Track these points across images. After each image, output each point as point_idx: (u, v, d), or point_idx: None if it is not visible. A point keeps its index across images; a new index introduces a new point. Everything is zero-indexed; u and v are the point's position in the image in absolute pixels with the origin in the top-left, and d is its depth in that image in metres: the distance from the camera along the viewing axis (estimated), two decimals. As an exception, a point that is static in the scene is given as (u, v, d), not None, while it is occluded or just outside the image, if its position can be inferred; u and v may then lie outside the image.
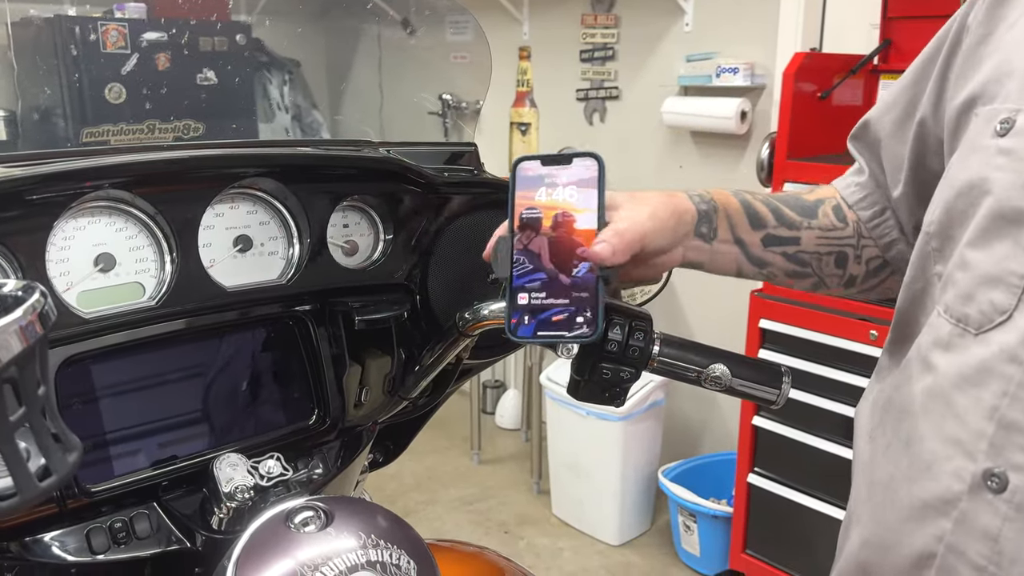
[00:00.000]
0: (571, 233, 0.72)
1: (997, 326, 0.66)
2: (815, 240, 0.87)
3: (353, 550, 0.65)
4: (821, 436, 2.16)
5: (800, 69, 2.21)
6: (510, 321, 0.71)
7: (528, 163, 0.74)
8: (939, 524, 0.69)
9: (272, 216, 0.86)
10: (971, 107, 0.72)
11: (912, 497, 0.72)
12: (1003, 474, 0.64)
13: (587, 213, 0.72)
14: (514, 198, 0.73)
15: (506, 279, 0.71)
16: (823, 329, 2.13)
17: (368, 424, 0.94)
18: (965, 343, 0.69)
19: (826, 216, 0.88)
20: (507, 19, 3.48)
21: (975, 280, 0.68)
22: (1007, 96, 0.68)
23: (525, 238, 0.72)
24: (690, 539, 2.65)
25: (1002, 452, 0.64)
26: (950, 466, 0.68)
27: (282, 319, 0.87)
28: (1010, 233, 0.66)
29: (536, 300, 0.71)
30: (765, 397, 0.82)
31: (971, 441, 0.66)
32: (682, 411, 3.06)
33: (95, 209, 0.75)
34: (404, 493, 3.15)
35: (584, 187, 0.73)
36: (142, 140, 0.99)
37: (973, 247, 0.69)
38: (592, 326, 0.71)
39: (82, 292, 0.75)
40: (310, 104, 2.75)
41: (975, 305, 0.68)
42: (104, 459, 0.76)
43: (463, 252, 0.97)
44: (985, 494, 0.65)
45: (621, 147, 3.17)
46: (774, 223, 0.85)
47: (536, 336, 0.71)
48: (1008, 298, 0.66)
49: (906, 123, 0.85)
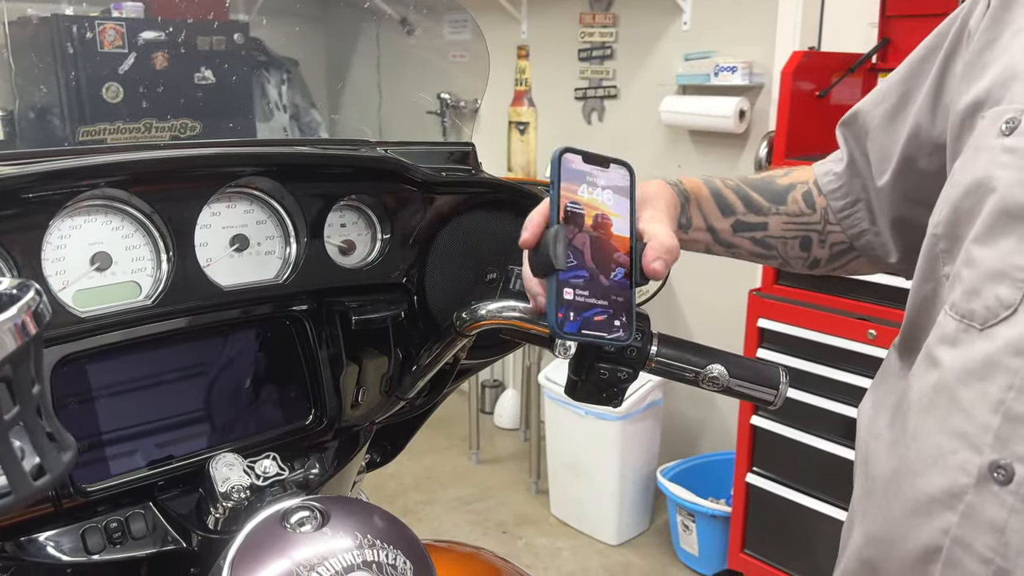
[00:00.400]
0: (609, 237, 0.71)
1: (1002, 320, 0.67)
2: (782, 225, 0.90)
3: (349, 550, 0.65)
4: (820, 436, 2.16)
5: (798, 68, 2.21)
6: (556, 316, 0.68)
7: (572, 155, 0.72)
8: (945, 517, 0.69)
9: (269, 215, 0.85)
10: (977, 111, 0.73)
11: (917, 491, 0.72)
12: (1009, 466, 0.65)
13: (621, 219, 0.72)
14: (559, 188, 0.70)
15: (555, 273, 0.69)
16: (822, 328, 2.13)
17: (365, 424, 0.94)
18: (970, 338, 0.69)
19: (795, 202, 0.90)
20: (505, 18, 3.48)
21: (981, 276, 0.69)
22: (1013, 98, 0.69)
23: (570, 232, 0.70)
24: (689, 539, 2.65)
25: (1008, 444, 0.65)
26: (956, 459, 0.69)
27: (279, 319, 0.86)
28: (1015, 229, 0.67)
29: (580, 297, 0.69)
30: (763, 398, 0.82)
31: (977, 434, 0.67)
32: (681, 411, 3.06)
33: (91, 208, 0.75)
34: (403, 493, 3.15)
35: (619, 194, 0.72)
36: (138, 139, 0.99)
37: (979, 244, 0.70)
38: (628, 330, 0.70)
39: (78, 291, 0.75)
40: (308, 103, 2.74)
41: (981, 300, 0.69)
42: (100, 459, 0.76)
43: (461, 252, 0.97)
44: (991, 486, 0.66)
45: (620, 146, 3.17)
46: (743, 210, 0.88)
47: (580, 334, 0.69)
48: (1013, 293, 0.66)
49: (897, 117, 0.86)
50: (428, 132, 1.29)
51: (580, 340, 0.71)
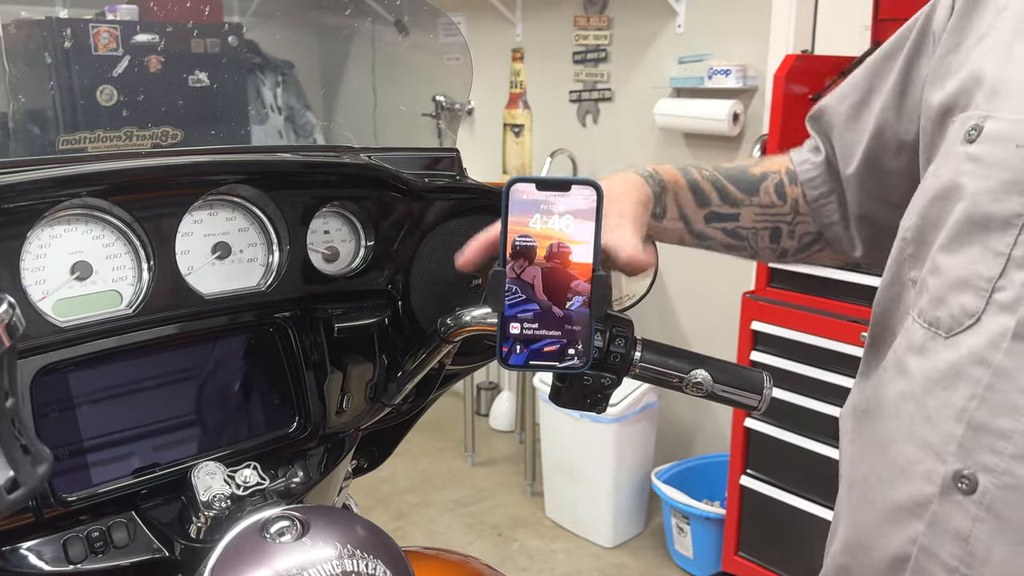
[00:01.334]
0: (566, 266, 0.70)
1: (966, 329, 0.67)
2: (753, 216, 0.91)
3: (329, 560, 0.65)
4: (813, 438, 2.16)
5: (791, 71, 2.21)
6: (501, 350, 0.70)
7: (522, 185, 0.69)
8: (913, 526, 0.70)
9: (251, 223, 0.85)
10: (948, 115, 0.73)
11: (887, 500, 0.73)
12: (972, 475, 0.65)
13: (583, 246, 0.70)
14: (507, 223, 0.70)
15: (499, 313, 0.70)
16: (814, 331, 2.13)
17: (350, 431, 0.94)
18: (936, 347, 0.70)
19: (767, 194, 0.91)
20: (500, 21, 3.48)
21: (946, 284, 0.69)
22: (976, 104, 0.69)
23: (518, 267, 0.70)
24: (683, 541, 2.65)
25: (971, 454, 0.65)
26: (921, 468, 0.69)
27: (262, 326, 0.86)
28: (980, 238, 0.67)
29: (528, 330, 0.70)
30: (746, 403, 0.82)
31: (941, 443, 0.67)
32: (675, 413, 3.06)
33: (71, 217, 0.75)
34: (397, 495, 3.15)
35: (581, 218, 0.70)
36: (119, 147, 0.98)
37: (945, 252, 0.70)
38: (583, 358, 0.71)
39: (58, 300, 0.75)
40: (303, 105, 2.74)
41: (946, 309, 0.69)
42: (81, 468, 0.76)
43: (445, 258, 0.97)
44: (955, 495, 0.66)
45: (614, 148, 3.17)
46: (718, 201, 0.89)
47: (528, 365, 0.71)
48: (977, 302, 0.67)
49: (860, 113, 0.87)
50: (424, 134, 1.29)
51: (528, 371, 0.73)
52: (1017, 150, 0.65)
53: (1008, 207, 0.65)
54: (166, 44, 1.41)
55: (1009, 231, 0.65)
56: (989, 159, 0.66)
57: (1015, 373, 0.63)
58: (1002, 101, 0.67)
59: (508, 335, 0.70)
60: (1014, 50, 0.68)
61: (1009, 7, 0.70)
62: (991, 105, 0.68)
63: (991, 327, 0.65)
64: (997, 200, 0.65)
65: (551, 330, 0.70)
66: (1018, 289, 0.64)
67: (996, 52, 0.69)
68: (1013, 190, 0.65)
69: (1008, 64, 0.68)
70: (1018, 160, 0.64)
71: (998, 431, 0.64)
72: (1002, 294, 0.65)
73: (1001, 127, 0.66)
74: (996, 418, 0.64)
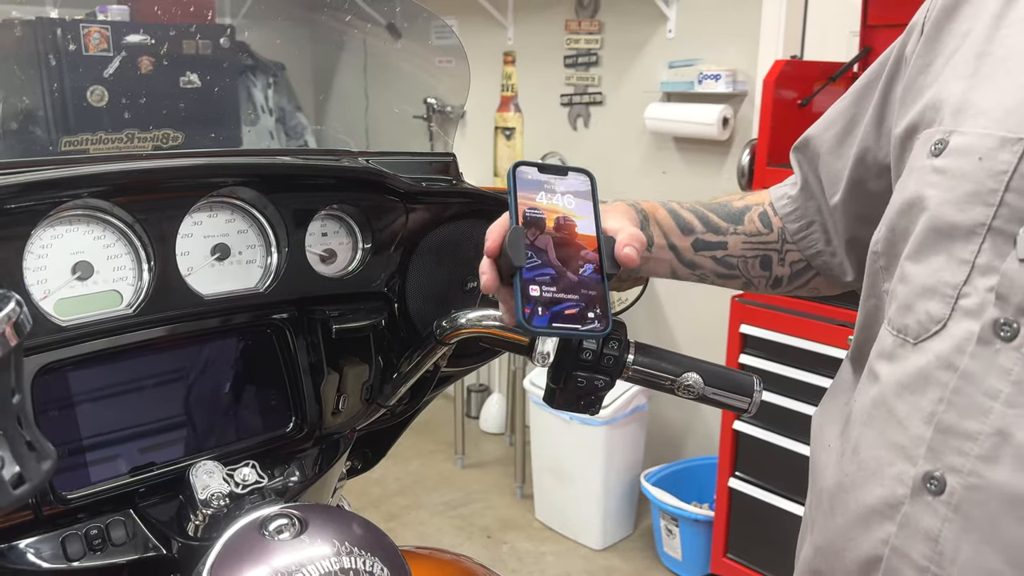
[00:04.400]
0: (574, 236, 0.72)
1: (933, 335, 0.70)
2: (741, 244, 0.92)
3: (327, 557, 0.66)
4: (801, 440, 2.17)
5: (780, 76, 2.23)
6: (523, 311, 0.69)
7: (527, 167, 0.74)
8: (885, 528, 0.72)
9: (250, 225, 0.86)
10: (913, 133, 0.76)
11: (859, 503, 0.75)
12: (941, 476, 0.67)
13: (586, 220, 0.73)
14: (516, 197, 0.72)
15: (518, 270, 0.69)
16: (803, 335, 2.15)
17: (346, 432, 0.95)
18: (905, 353, 0.72)
19: (752, 222, 0.93)
20: (492, 24, 3.50)
21: (913, 292, 0.72)
22: (942, 120, 0.72)
23: (531, 235, 0.71)
24: (672, 543, 2.66)
25: (940, 455, 0.67)
26: (893, 471, 0.71)
27: (260, 327, 0.87)
28: (944, 246, 0.69)
29: (547, 293, 0.70)
30: (737, 406, 0.83)
31: (912, 446, 0.70)
32: (665, 416, 3.08)
33: (73, 217, 0.76)
34: (388, 497, 3.15)
35: (580, 198, 0.74)
36: (121, 149, 0.99)
37: (911, 261, 0.73)
38: (604, 321, 0.70)
39: (60, 300, 0.75)
40: (295, 107, 2.74)
41: (913, 316, 0.72)
42: (81, 466, 0.77)
43: (441, 261, 0.98)
44: (925, 496, 0.68)
45: (605, 152, 3.19)
46: (702, 229, 0.91)
47: (551, 327, 0.69)
48: (943, 308, 0.69)
49: (845, 141, 0.89)
50: (416, 137, 1.30)
51: (553, 334, 0.72)
52: (980, 162, 0.67)
53: (971, 216, 0.68)
54: (157, 45, 1.42)
55: (973, 239, 0.67)
56: (954, 171, 0.69)
57: (980, 377, 0.66)
58: (967, 118, 0.70)
59: (529, 297, 0.69)
60: (978, 72, 0.71)
61: (972, 31, 0.73)
62: (956, 121, 0.71)
63: (957, 332, 0.68)
64: (961, 210, 0.68)
65: (569, 293, 0.71)
66: (982, 295, 0.67)
67: (961, 73, 0.72)
68: (976, 200, 0.67)
69: (972, 84, 0.71)
70: (981, 172, 0.67)
71: (965, 433, 0.66)
72: (967, 300, 0.68)
73: (966, 140, 0.69)
74: (963, 420, 0.66)
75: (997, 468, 0.64)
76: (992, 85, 0.70)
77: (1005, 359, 0.64)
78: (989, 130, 0.68)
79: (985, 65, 0.71)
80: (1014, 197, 0.65)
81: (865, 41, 2.30)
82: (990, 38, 0.71)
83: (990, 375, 0.65)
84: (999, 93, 0.69)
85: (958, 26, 0.75)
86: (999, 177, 0.66)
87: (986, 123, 0.68)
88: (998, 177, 0.66)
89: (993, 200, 0.66)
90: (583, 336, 0.72)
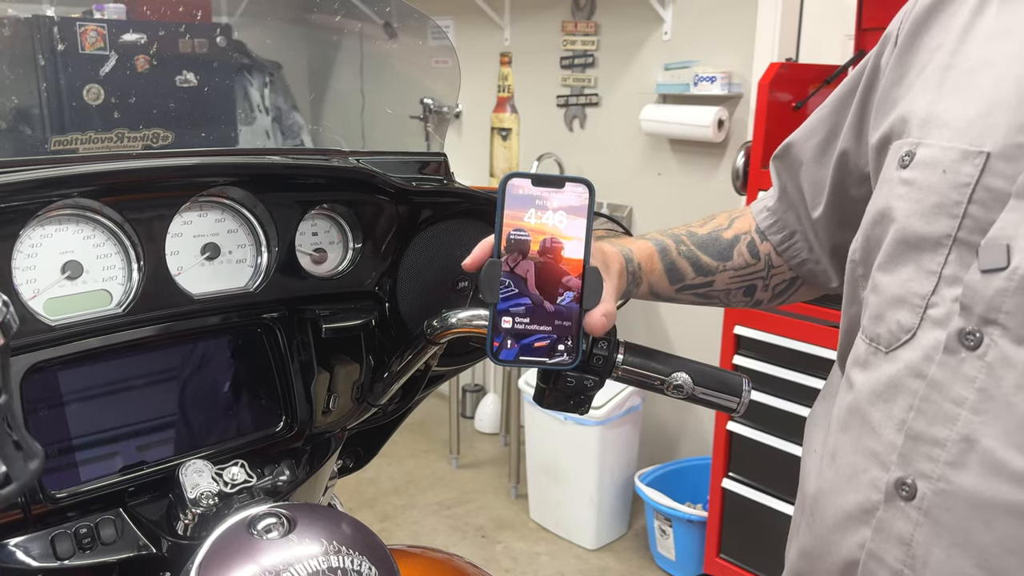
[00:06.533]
0: (558, 261, 0.72)
1: (903, 344, 0.71)
2: (728, 279, 0.95)
3: (315, 556, 0.66)
4: (794, 442, 2.18)
5: (775, 79, 2.24)
6: (492, 344, 0.71)
7: (519, 180, 0.72)
8: (861, 532, 0.73)
9: (240, 224, 0.86)
10: (886, 144, 0.78)
11: (837, 508, 0.76)
12: (912, 483, 0.68)
13: (575, 241, 0.72)
14: (502, 217, 0.71)
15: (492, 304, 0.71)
16: (797, 336, 2.15)
17: (336, 431, 0.95)
18: (878, 361, 0.74)
19: (740, 255, 0.95)
20: (489, 25, 3.50)
21: (884, 302, 0.73)
22: (911, 132, 0.74)
23: (512, 260, 0.71)
24: (666, 543, 2.67)
25: (911, 462, 0.69)
26: (868, 477, 0.73)
27: (250, 326, 0.87)
28: (912, 257, 0.71)
29: (520, 325, 0.71)
30: (726, 405, 0.84)
31: (884, 452, 0.71)
32: (659, 416, 3.08)
33: (62, 217, 0.76)
34: (382, 497, 3.15)
35: (573, 214, 0.72)
36: (111, 148, 0.99)
37: (882, 271, 0.74)
38: (573, 355, 0.72)
39: (49, 299, 0.75)
40: (291, 106, 2.74)
41: (884, 325, 0.73)
42: (70, 465, 0.77)
43: (432, 261, 0.98)
44: (898, 502, 0.70)
45: (601, 153, 3.19)
46: (692, 275, 0.93)
47: (518, 360, 0.72)
48: (912, 318, 0.70)
49: (827, 150, 0.91)
50: (411, 136, 1.31)
51: (518, 366, 0.73)
52: (944, 175, 0.69)
53: (937, 228, 0.69)
54: (153, 44, 1.41)
55: (940, 251, 0.69)
56: (920, 183, 0.71)
57: (947, 385, 0.67)
58: (932, 129, 0.71)
59: (500, 329, 0.71)
60: (944, 85, 0.72)
61: (943, 46, 0.75)
62: (923, 133, 0.72)
63: (925, 342, 0.69)
64: (928, 222, 0.70)
65: (542, 325, 0.72)
66: (949, 305, 0.68)
67: (930, 86, 0.74)
68: (941, 212, 0.69)
69: (938, 96, 0.72)
70: (945, 184, 0.69)
71: (933, 440, 0.67)
72: (935, 310, 0.69)
73: (931, 153, 0.70)
74: (931, 427, 0.68)
75: (964, 474, 0.65)
76: (956, 98, 0.71)
77: (970, 368, 0.66)
78: (952, 143, 0.69)
79: (950, 78, 0.72)
80: (977, 209, 0.67)
81: (860, 44, 2.30)
82: (956, 51, 0.73)
83: (956, 383, 0.66)
84: (962, 105, 0.70)
85: (930, 39, 0.76)
86: (962, 189, 0.67)
87: (950, 135, 0.69)
88: (961, 189, 0.67)
89: (957, 212, 0.68)
90: (550, 368, 0.73)
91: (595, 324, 0.73)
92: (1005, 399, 0.64)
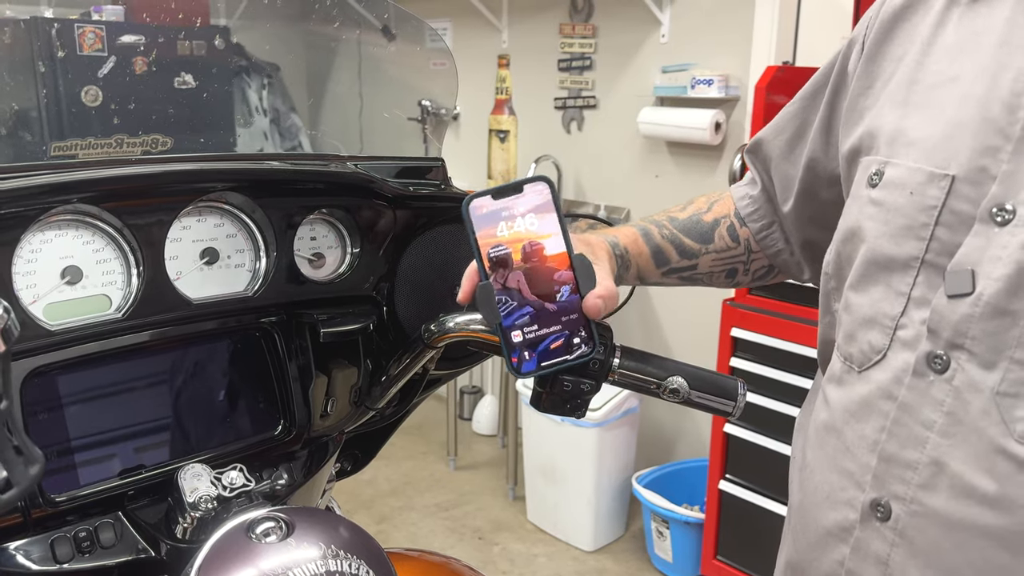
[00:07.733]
0: (544, 261, 0.73)
1: (874, 365, 0.71)
2: (711, 262, 0.96)
3: (313, 560, 0.67)
4: (791, 443, 2.18)
5: (772, 82, 2.24)
6: (511, 361, 0.71)
7: (479, 200, 0.73)
8: (840, 550, 0.74)
9: (239, 229, 0.87)
10: (856, 157, 0.77)
11: (817, 524, 0.77)
12: (887, 504, 0.69)
13: (553, 237, 0.73)
14: (476, 240, 0.72)
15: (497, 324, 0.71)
16: (793, 338, 2.16)
17: (334, 434, 0.95)
18: (851, 379, 0.74)
19: (721, 239, 0.95)
20: (486, 27, 3.51)
21: (856, 321, 0.74)
22: (879, 149, 0.73)
23: (500, 277, 0.72)
24: (663, 545, 2.67)
25: (884, 484, 0.69)
26: (845, 496, 0.73)
27: (248, 331, 0.88)
28: (883, 278, 0.71)
29: (530, 333, 0.72)
30: (722, 409, 0.84)
31: (860, 473, 0.71)
32: (656, 418, 3.08)
33: (62, 222, 0.76)
34: (380, 499, 3.16)
35: (542, 212, 0.73)
36: (110, 154, 0.99)
37: (854, 290, 0.74)
38: (590, 343, 0.73)
39: (49, 304, 0.76)
40: (289, 108, 2.75)
41: (856, 345, 0.73)
42: (70, 469, 0.77)
43: (429, 265, 0.99)
44: (874, 522, 0.70)
45: (598, 156, 3.20)
46: (676, 259, 0.94)
47: (541, 368, 0.72)
48: (882, 339, 0.70)
49: (795, 147, 0.90)
50: (410, 139, 1.31)
51: (543, 374, 0.73)
52: (911, 197, 0.69)
53: (906, 250, 0.69)
54: (152, 46, 1.42)
55: (908, 272, 0.69)
56: (888, 204, 0.70)
57: (916, 408, 0.67)
58: (900, 148, 0.71)
59: (513, 345, 0.71)
60: (910, 100, 0.72)
61: (906, 57, 0.74)
62: (891, 151, 0.72)
63: (895, 363, 0.69)
64: (896, 244, 0.69)
65: (551, 327, 0.72)
66: (917, 327, 0.68)
67: (896, 100, 0.73)
68: (909, 234, 0.69)
69: (905, 112, 0.72)
70: (912, 206, 0.68)
71: (905, 462, 0.68)
72: (904, 332, 0.69)
73: (899, 173, 0.70)
74: (903, 450, 0.68)
75: (935, 496, 0.66)
76: (921, 115, 0.70)
77: (938, 391, 0.66)
78: (919, 164, 0.68)
79: (915, 94, 0.71)
80: (944, 232, 0.66)
81: (856, 46, 2.31)
82: (920, 64, 0.72)
83: (925, 406, 0.66)
84: (928, 124, 0.69)
85: (894, 49, 0.76)
86: (929, 212, 0.67)
87: (916, 156, 0.69)
88: (928, 212, 0.67)
89: (925, 234, 0.67)
90: (574, 364, 0.73)
91: (591, 305, 0.73)
92: (973, 423, 0.64)
